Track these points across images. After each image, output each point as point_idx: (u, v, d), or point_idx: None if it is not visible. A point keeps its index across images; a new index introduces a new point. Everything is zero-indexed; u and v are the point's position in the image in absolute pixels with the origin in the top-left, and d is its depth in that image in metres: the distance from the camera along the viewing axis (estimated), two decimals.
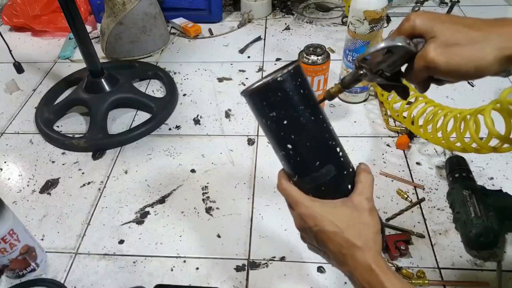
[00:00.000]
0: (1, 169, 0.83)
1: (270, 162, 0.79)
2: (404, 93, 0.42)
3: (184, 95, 0.98)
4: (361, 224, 0.39)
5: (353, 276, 0.39)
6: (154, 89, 1.01)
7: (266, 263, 0.64)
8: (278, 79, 0.37)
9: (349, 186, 0.42)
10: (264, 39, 1.16)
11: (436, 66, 0.35)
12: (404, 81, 0.41)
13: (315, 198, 0.41)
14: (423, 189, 0.72)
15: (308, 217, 0.40)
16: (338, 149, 0.41)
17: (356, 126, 0.86)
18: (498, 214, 0.62)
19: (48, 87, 1.01)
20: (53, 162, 0.83)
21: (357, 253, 0.38)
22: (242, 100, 0.95)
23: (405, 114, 0.77)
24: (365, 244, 0.38)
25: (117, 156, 0.83)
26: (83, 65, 0.94)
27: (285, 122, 0.38)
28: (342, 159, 0.41)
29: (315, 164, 0.40)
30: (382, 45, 0.37)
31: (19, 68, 1.06)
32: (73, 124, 0.93)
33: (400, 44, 0.37)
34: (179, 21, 1.21)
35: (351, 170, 0.43)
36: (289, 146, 0.39)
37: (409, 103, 0.78)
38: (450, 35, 0.35)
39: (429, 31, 0.36)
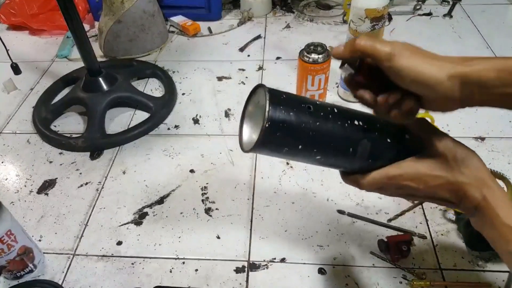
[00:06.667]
0: None
1: (270, 163, 0.78)
2: None
3: (183, 94, 0.97)
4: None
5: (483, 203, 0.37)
6: (152, 88, 1.01)
7: (266, 264, 0.63)
8: (268, 114, 0.35)
9: (406, 136, 0.42)
10: (264, 38, 1.15)
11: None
12: None
13: (398, 164, 0.40)
14: None
15: (406, 182, 0.39)
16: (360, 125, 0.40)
17: None
18: None
19: (45, 86, 1.00)
20: (50, 162, 0.83)
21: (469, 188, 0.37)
22: (242, 99, 0.94)
23: None
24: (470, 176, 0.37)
25: (115, 156, 0.83)
26: (81, 64, 0.93)
27: (306, 141, 0.37)
28: (373, 131, 0.40)
29: (348, 150, 0.39)
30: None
31: (16, 69, 1.04)
32: (71, 123, 0.92)
33: None
34: (178, 19, 1.20)
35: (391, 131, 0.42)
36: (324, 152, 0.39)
37: None
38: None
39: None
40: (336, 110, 0.39)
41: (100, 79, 0.90)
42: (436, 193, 0.39)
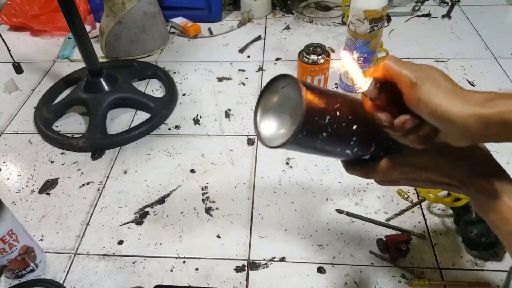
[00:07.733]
0: (0, 169, 0.82)
1: (270, 162, 0.79)
2: None
3: (184, 94, 0.98)
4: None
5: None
6: (153, 88, 1.01)
7: (266, 263, 0.63)
8: (304, 103, 0.34)
9: None
10: (264, 39, 1.15)
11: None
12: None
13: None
14: None
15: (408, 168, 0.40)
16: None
17: None
18: None
19: (47, 87, 1.01)
20: (52, 162, 0.83)
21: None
22: (242, 100, 0.94)
23: None
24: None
25: (116, 156, 0.83)
26: (82, 65, 0.93)
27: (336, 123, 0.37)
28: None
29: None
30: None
31: (18, 68, 1.05)
32: (72, 124, 0.92)
33: None
34: (179, 20, 1.21)
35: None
36: (353, 137, 0.39)
37: None
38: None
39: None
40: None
41: (101, 79, 0.91)
42: (437, 177, 0.39)
